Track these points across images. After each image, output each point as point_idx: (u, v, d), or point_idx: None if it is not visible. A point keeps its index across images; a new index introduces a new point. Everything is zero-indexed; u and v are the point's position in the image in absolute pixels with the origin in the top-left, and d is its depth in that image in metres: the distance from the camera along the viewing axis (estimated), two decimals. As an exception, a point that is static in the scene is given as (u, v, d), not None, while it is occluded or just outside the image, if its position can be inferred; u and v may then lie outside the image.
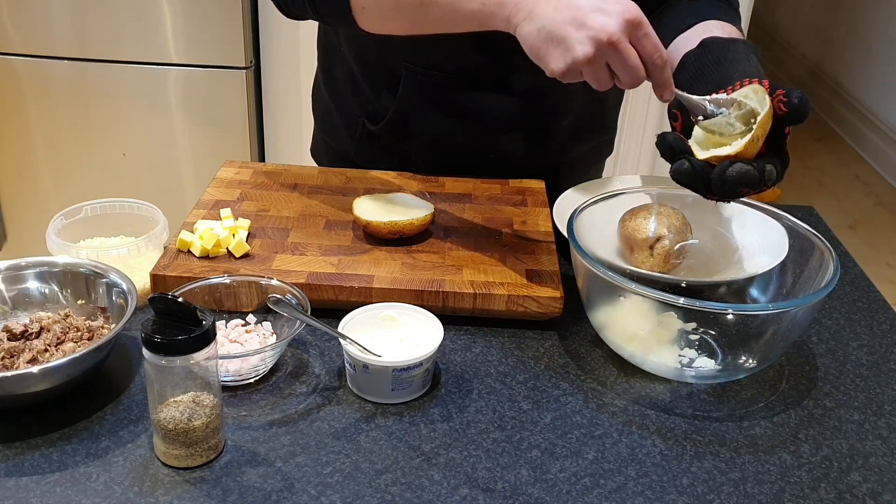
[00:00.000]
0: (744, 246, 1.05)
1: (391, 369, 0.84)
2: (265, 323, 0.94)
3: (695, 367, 0.92)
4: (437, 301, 0.96)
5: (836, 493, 0.78)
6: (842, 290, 1.11)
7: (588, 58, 0.80)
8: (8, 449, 0.78)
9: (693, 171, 0.81)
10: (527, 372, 0.92)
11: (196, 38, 2.23)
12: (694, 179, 0.81)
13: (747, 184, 0.79)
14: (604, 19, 0.79)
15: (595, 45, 0.79)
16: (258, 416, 0.84)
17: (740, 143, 0.80)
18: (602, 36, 0.79)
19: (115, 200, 1.07)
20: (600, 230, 1.04)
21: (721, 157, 0.80)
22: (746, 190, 0.80)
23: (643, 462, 0.81)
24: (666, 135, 0.83)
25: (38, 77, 2.28)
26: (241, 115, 2.33)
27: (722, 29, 0.99)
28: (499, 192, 1.20)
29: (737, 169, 0.79)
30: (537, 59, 0.84)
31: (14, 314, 0.93)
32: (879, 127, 3.99)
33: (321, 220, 1.10)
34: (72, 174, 2.41)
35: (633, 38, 0.80)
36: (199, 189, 2.33)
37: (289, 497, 0.74)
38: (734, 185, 0.79)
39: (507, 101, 1.18)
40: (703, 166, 0.81)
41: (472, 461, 0.79)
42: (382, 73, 1.19)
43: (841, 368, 0.96)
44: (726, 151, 0.80)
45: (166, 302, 0.75)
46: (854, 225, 3.49)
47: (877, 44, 4.05)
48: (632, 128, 2.48)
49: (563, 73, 0.82)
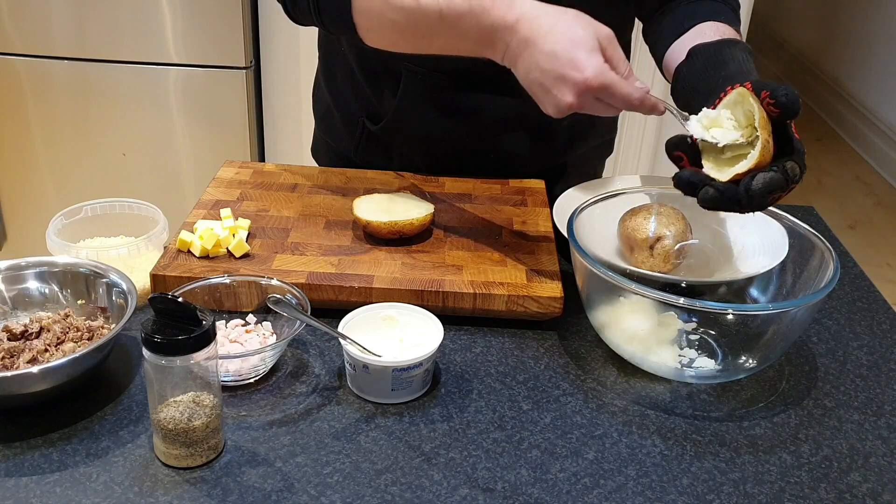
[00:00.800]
0: (744, 246, 1.05)
1: (391, 369, 0.84)
2: (265, 323, 0.94)
3: (695, 367, 0.92)
4: (437, 301, 0.96)
5: (836, 493, 0.78)
6: (842, 290, 1.11)
7: (572, 105, 0.87)
8: (8, 449, 0.78)
9: (719, 195, 0.81)
10: (527, 372, 0.92)
11: (196, 38, 2.23)
12: (722, 203, 0.81)
13: (775, 189, 0.79)
14: (575, 74, 0.85)
15: (575, 93, 0.86)
16: (258, 416, 0.84)
17: (754, 156, 0.79)
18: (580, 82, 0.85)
19: (115, 200, 1.07)
20: (600, 230, 1.04)
21: (743, 173, 0.80)
22: (778, 195, 0.80)
23: (643, 462, 0.81)
24: (680, 174, 0.84)
25: (38, 77, 2.28)
26: (241, 115, 2.33)
27: (715, 30, 0.99)
28: (499, 192, 1.20)
29: (760, 180, 0.79)
30: (533, 97, 0.91)
31: (14, 314, 0.93)
32: (879, 127, 3.99)
33: (321, 220, 1.10)
34: (72, 174, 2.41)
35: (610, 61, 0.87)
36: (199, 189, 2.34)
37: (289, 497, 0.74)
38: (763, 196, 0.79)
39: (507, 102, 1.18)
40: (727, 188, 0.80)
41: (472, 461, 0.79)
42: (383, 73, 1.19)
43: (841, 368, 0.96)
44: (744, 167, 0.80)
45: (166, 302, 0.75)
46: (854, 225, 3.49)
47: (877, 44, 4.05)
48: (632, 128, 2.48)
49: (558, 116, 0.89)
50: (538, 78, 0.88)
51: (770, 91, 0.80)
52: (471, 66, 1.15)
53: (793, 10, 5.06)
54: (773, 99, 0.80)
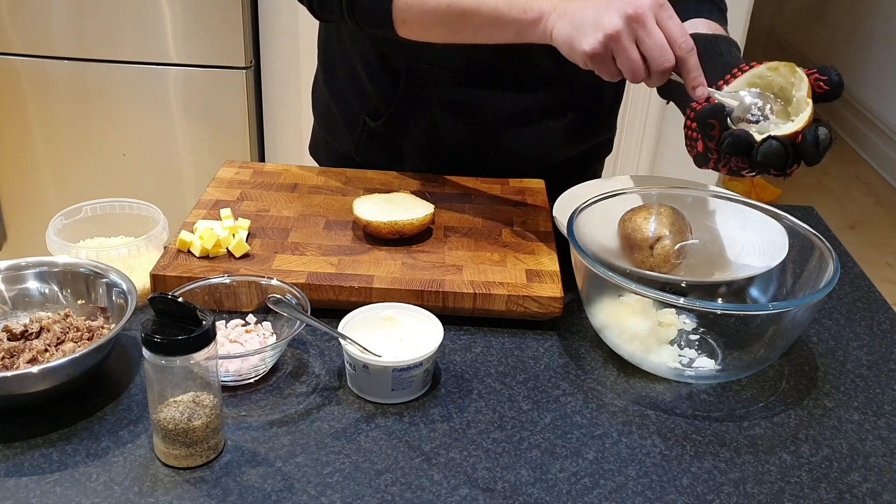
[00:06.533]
0: (744, 246, 1.05)
1: (391, 369, 0.84)
2: (265, 323, 0.94)
3: (695, 367, 0.92)
4: (437, 301, 0.96)
5: (836, 493, 0.78)
6: (842, 290, 1.11)
7: (617, 30, 0.84)
8: (8, 449, 0.78)
9: (783, 148, 0.83)
10: (527, 372, 0.92)
11: (196, 38, 2.23)
12: (783, 156, 0.83)
13: (830, 145, 0.83)
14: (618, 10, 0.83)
15: (623, 17, 0.83)
16: (258, 416, 0.84)
17: (805, 116, 0.83)
18: (629, 10, 0.83)
19: (115, 200, 1.07)
20: (600, 230, 1.04)
21: (790, 134, 0.83)
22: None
23: (643, 462, 0.81)
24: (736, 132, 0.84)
25: (38, 77, 2.28)
26: (241, 115, 2.33)
27: (708, 27, 1.01)
28: (499, 191, 1.20)
29: (823, 133, 0.82)
30: (570, 48, 0.88)
31: (14, 314, 0.93)
32: (879, 127, 3.99)
33: (321, 220, 1.10)
34: (72, 174, 2.41)
35: (659, 19, 0.84)
36: (199, 189, 2.34)
37: (289, 497, 0.74)
38: (826, 148, 0.83)
39: (507, 98, 1.18)
40: (788, 143, 0.83)
41: (472, 461, 0.79)
42: (383, 70, 1.19)
43: (841, 368, 0.96)
44: (795, 127, 0.83)
45: (166, 302, 0.75)
46: (854, 225, 3.49)
47: (877, 44, 4.05)
48: (632, 128, 2.48)
49: (595, 52, 0.86)
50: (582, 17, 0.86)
51: (819, 69, 0.84)
52: (472, 61, 1.16)
53: (792, 10, 5.06)
54: (825, 76, 0.84)
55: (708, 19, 1.02)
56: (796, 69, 0.86)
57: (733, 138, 0.84)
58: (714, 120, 0.87)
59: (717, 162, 0.88)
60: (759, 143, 0.83)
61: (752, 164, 0.84)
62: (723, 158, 0.87)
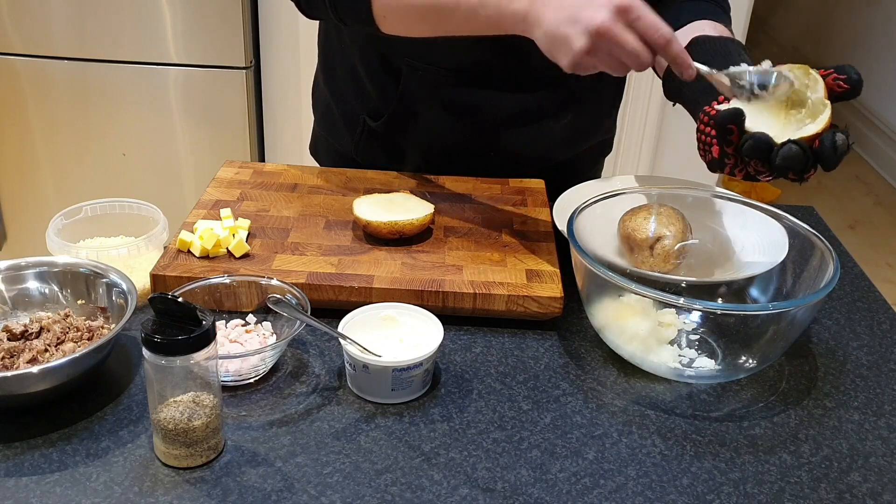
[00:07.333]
0: (744, 246, 1.05)
1: (391, 369, 0.84)
2: (265, 323, 0.94)
3: (695, 367, 0.92)
4: (437, 301, 0.96)
5: (836, 493, 0.78)
6: (842, 290, 1.11)
7: (586, 49, 0.83)
8: (8, 449, 0.78)
9: (803, 152, 0.82)
10: (527, 372, 0.92)
11: (196, 38, 2.23)
12: (802, 160, 0.82)
13: (848, 150, 0.82)
14: (592, 12, 0.82)
15: (589, 36, 0.83)
16: (258, 416, 0.84)
17: (824, 119, 0.82)
18: (592, 28, 0.82)
19: (115, 200, 1.07)
20: (600, 230, 1.04)
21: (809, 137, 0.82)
22: None
23: (643, 462, 0.81)
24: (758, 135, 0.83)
25: (38, 77, 2.28)
26: (241, 115, 2.33)
27: (713, 28, 1.00)
28: (499, 191, 1.20)
29: (840, 139, 0.82)
30: (552, 58, 0.88)
31: (14, 314, 0.93)
32: (879, 127, 3.99)
33: (321, 220, 1.10)
34: (72, 174, 2.41)
35: (627, 23, 0.83)
36: (199, 189, 2.34)
37: (289, 497, 0.74)
38: (844, 153, 0.82)
39: (507, 99, 1.18)
40: (808, 147, 0.82)
41: (472, 461, 0.79)
42: (384, 70, 1.19)
43: (841, 368, 0.96)
44: (813, 130, 0.82)
45: (166, 302, 0.75)
46: (854, 225, 3.49)
47: (877, 44, 4.05)
48: (632, 128, 2.48)
49: (573, 67, 0.86)
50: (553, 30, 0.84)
51: (836, 68, 0.83)
52: (472, 61, 1.16)
53: (792, 10, 5.06)
54: (844, 74, 0.83)
55: (713, 21, 1.01)
56: (810, 71, 0.85)
57: (754, 140, 0.83)
58: (733, 125, 0.86)
59: (733, 167, 0.86)
60: (779, 147, 0.82)
61: (771, 168, 0.83)
62: (740, 163, 0.85)
